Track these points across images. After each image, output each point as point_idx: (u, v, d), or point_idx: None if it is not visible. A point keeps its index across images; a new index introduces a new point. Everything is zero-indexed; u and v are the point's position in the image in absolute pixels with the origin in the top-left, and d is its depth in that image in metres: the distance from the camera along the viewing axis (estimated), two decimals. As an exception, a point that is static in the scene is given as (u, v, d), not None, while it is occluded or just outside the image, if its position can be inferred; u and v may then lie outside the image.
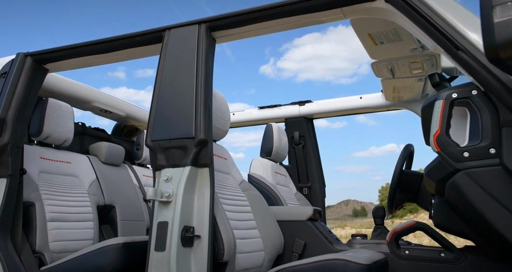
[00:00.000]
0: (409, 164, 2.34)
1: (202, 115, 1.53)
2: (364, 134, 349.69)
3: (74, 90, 2.45)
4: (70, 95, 2.44)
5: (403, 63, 2.05)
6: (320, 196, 2.96)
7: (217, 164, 1.95)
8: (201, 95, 1.55)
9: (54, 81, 2.30)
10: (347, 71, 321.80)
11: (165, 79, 1.64)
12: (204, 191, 1.51)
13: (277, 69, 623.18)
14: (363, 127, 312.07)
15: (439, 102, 1.30)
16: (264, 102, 71.86)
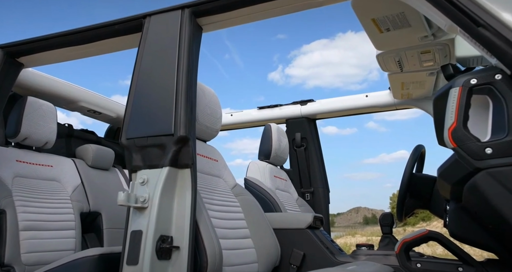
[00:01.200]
0: (420, 167, 2.14)
1: (183, 110, 1.35)
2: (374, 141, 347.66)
3: (57, 88, 2.30)
4: (52, 94, 2.28)
5: (412, 54, 1.85)
6: (324, 202, 2.75)
7: (207, 166, 1.77)
8: (182, 88, 1.37)
9: (34, 78, 2.15)
10: (357, 77, 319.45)
11: (143, 71, 1.47)
12: (185, 195, 1.33)
13: (285, 76, 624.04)
14: (373, 133, 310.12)
15: (455, 90, 1.10)
16: (273, 108, 71.08)
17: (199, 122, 1.73)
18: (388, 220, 1.86)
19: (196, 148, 1.41)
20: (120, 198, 1.25)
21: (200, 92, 1.76)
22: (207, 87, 1.86)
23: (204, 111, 1.76)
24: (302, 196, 2.76)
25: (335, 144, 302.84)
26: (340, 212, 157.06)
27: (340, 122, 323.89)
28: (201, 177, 1.68)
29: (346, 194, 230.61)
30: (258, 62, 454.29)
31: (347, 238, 14.58)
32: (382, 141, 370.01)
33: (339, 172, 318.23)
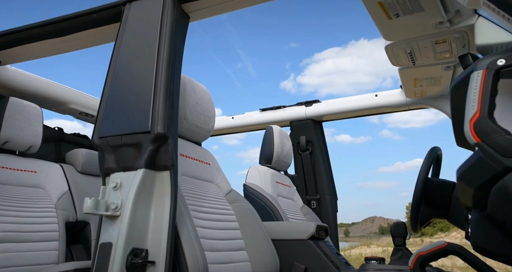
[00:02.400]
0: (436, 171, 1.92)
1: (162, 105, 1.18)
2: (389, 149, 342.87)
3: (44, 89, 2.17)
4: (39, 95, 2.15)
5: (426, 44, 1.66)
6: (331, 211, 2.55)
7: (197, 170, 1.60)
8: (162, 81, 1.21)
9: (18, 78, 2.03)
10: (370, 85, 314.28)
11: (120, 63, 1.31)
12: (163, 201, 1.16)
13: (297, 84, 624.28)
14: (388, 142, 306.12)
15: (478, 74, 0.91)
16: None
17: (188, 121, 1.57)
18: (400, 230, 1.65)
19: (177, 148, 1.24)
20: (86, 204, 1.08)
21: (189, 88, 1.60)
22: (198, 83, 1.70)
23: (194, 109, 1.60)
24: (307, 204, 2.56)
25: (349, 152, 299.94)
26: (355, 222, 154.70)
27: (354, 131, 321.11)
28: (190, 182, 1.51)
29: (361, 203, 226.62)
30: (270, 70, 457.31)
31: (362, 249, 14.18)
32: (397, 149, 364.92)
33: (353, 181, 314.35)
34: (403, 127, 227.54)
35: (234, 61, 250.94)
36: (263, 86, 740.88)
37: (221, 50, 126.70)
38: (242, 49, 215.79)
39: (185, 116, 1.55)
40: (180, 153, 1.54)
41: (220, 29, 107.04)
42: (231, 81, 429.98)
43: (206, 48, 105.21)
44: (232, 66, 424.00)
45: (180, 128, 1.56)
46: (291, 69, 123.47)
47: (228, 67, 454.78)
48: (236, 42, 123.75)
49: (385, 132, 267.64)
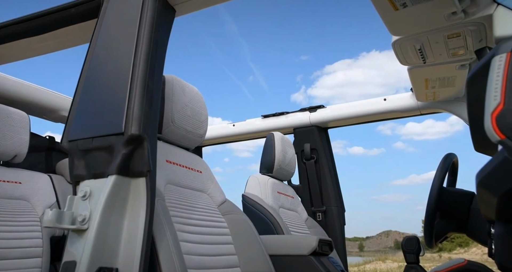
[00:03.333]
0: (452, 180, 1.75)
1: (138, 104, 1.05)
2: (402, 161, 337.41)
3: (32, 95, 2.07)
4: (27, 101, 2.05)
5: (437, 39, 1.50)
6: (338, 223, 2.37)
7: (186, 178, 1.46)
8: (139, 78, 1.08)
9: (4, 83, 1.93)
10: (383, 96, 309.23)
11: (96, 59, 1.19)
12: (138, 212, 1.02)
13: (308, 96, 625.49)
14: (401, 154, 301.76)
15: (501, 58, 0.75)
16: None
17: (176, 125, 1.44)
18: (412, 246, 1.48)
19: (156, 152, 1.10)
20: (47, 217, 0.95)
21: (177, 89, 1.47)
22: (189, 84, 1.58)
23: (183, 112, 1.47)
24: (313, 216, 2.39)
25: (362, 165, 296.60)
26: (370, 236, 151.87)
27: (367, 143, 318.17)
28: (176, 191, 1.37)
29: (375, 216, 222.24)
30: (281, 83, 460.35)
31: (377, 264, 13.76)
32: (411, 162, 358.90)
33: (367, 194, 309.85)
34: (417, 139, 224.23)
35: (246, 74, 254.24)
36: (274, 99, 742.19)
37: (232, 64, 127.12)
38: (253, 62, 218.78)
39: (173, 119, 1.42)
40: (166, 159, 1.41)
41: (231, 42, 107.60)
42: (242, 94, 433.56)
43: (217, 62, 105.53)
44: (243, 79, 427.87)
45: (166, 133, 1.43)
46: (302, 81, 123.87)
47: (239, 80, 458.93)
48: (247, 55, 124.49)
49: (399, 144, 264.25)
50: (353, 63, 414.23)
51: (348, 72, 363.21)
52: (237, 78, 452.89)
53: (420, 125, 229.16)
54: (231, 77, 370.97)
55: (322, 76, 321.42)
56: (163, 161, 1.38)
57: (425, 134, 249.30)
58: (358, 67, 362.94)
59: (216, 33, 75.33)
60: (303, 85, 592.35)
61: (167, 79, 1.46)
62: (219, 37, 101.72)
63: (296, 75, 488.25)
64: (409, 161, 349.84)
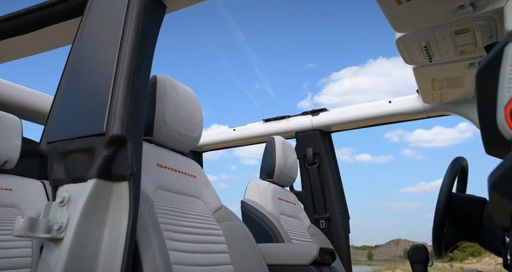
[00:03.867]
0: (462, 186, 1.65)
1: (121, 102, 0.98)
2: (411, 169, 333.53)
3: (25, 99, 2.01)
4: (20, 106, 1.99)
5: (444, 35, 1.42)
6: (342, 231, 2.27)
7: (179, 183, 1.38)
8: (122, 75, 1.01)
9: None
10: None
11: (79, 57, 1.13)
12: (120, 219, 0.94)
13: (314, 104, 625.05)
14: (410, 161, 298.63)
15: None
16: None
17: (168, 127, 1.37)
18: (420, 255, 1.38)
19: (141, 154, 1.03)
20: (17, 225, 0.87)
21: (170, 90, 1.41)
22: (182, 85, 1.51)
23: (176, 113, 1.40)
24: (316, 223, 2.30)
25: (370, 172, 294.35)
26: (379, 244, 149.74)
27: (374, 150, 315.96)
28: (167, 197, 1.29)
29: (384, 224, 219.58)
30: (288, 91, 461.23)
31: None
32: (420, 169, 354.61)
33: (375, 201, 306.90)
34: (425, 147, 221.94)
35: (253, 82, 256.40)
36: (281, 107, 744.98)
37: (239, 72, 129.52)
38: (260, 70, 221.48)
39: (164, 121, 1.35)
40: (157, 163, 1.33)
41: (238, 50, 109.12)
42: (249, 102, 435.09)
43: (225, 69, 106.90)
44: (250, 87, 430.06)
45: (158, 135, 1.36)
46: (308, 89, 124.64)
47: (246, 87, 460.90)
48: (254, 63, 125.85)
49: (407, 151, 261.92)
50: (360, 70, 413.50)
51: (355, 79, 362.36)
52: (244, 86, 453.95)
53: (429, 132, 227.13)
54: (238, 85, 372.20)
55: (329, 83, 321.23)
56: (153, 165, 1.30)
57: (434, 142, 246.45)
58: (365, 74, 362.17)
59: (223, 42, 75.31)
60: (310, 92, 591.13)
61: (159, 79, 1.40)
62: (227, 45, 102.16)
63: (302, 82, 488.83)
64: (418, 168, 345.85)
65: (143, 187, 1.19)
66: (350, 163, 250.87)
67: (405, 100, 2.17)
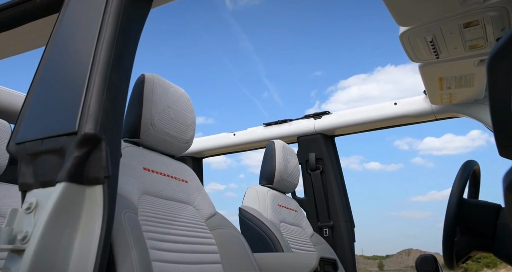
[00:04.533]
0: (474, 191, 1.54)
1: (95, 99, 0.89)
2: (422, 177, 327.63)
3: (12, 102, 1.95)
4: (10, 110, 1.93)
5: (452, 29, 1.33)
6: (347, 240, 2.16)
7: (168, 188, 1.30)
8: (98, 69, 0.93)
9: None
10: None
11: (54, 52, 1.05)
12: (92, 227, 0.85)
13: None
14: (420, 170, 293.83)
15: None
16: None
17: (156, 128, 1.28)
18: (429, 267, 1.27)
19: (119, 156, 0.94)
20: None
21: (158, 89, 1.33)
22: (174, 85, 1.43)
23: (165, 114, 1.32)
24: (319, 232, 2.19)
25: (380, 181, 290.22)
26: (390, 254, 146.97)
27: (384, 158, 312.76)
28: (154, 202, 1.20)
29: (394, 234, 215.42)
30: (296, 99, 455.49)
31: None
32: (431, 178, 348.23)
33: (385, 210, 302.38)
34: (436, 155, 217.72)
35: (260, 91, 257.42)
36: (288, 115, 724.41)
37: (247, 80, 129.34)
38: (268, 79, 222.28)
39: (152, 122, 1.27)
40: (144, 167, 1.25)
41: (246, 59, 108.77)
42: (257, 110, 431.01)
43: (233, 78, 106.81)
44: (258, 95, 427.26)
45: (145, 137, 1.28)
46: (316, 97, 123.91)
47: (254, 96, 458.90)
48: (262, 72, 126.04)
49: (417, 160, 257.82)
50: (368, 78, 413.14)
51: (363, 87, 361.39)
52: (251, 95, 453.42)
53: (439, 140, 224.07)
54: (246, 94, 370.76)
55: (337, 91, 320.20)
56: (139, 169, 1.22)
57: (445, 150, 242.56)
58: (373, 81, 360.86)
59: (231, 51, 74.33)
60: (317, 100, 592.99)
61: (147, 78, 1.32)
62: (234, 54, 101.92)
63: (310, 91, 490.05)
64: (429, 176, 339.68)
65: (126, 192, 1.11)
66: (359, 171, 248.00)
67: (411, 102, 2.07)
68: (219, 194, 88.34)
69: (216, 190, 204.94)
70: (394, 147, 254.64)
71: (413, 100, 2.07)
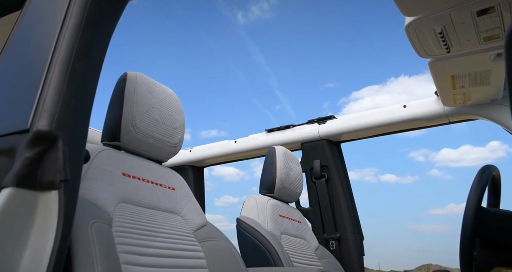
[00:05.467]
0: (495, 199, 1.39)
1: (53, 91, 0.79)
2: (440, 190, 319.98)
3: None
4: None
5: (463, 18, 1.20)
6: (355, 253, 2.00)
7: (151, 196, 1.18)
8: (59, 61, 0.82)
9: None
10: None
11: (14, 47, 0.95)
12: (45, 239, 0.73)
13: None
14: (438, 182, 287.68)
15: None
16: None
17: (138, 131, 1.18)
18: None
19: (81, 157, 0.83)
20: None
21: (142, 89, 1.22)
22: (161, 85, 1.33)
23: (149, 115, 1.21)
24: (325, 244, 2.04)
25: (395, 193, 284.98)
26: (408, 269, 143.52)
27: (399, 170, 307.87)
28: (133, 212, 1.09)
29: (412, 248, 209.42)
30: (308, 111, 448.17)
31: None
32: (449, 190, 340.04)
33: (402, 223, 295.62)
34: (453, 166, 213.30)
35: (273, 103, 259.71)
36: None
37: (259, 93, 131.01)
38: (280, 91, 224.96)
39: (134, 123, 1.17)
40: (123, 172, 1.14)
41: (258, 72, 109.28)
42: (269, 122, 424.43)
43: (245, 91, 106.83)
44: (270, 107, 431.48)
45: (126, 140, 1.17)
46: (328, 108, 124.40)
47: (266, 108, 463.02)
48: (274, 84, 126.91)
49: (434, 171, 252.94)
50: (381, 89, 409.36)
51: (376, 98, 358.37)
52: (264, 107, 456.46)
53: (456, 152, 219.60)
54: (258, 106, 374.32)
55: (349, 102, 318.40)
56: (117, 174, 1.11)
57: (462, 161, 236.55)
58: (386, 92, 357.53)
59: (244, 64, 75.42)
60: (330, 112, 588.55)
61: (130, 76, 1.22)
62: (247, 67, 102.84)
63: (322, 102, 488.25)
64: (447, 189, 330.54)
65: (99, 199, 0.99)
66: (374, 184, 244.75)
67: (422, 104, 1.93)
68: (232, 206, 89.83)
69: (229, 202, 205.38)
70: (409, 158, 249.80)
71: (424, 102, 1.93)
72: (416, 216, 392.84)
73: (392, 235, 56.53)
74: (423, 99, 1.95)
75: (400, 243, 43.66)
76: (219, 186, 10.71)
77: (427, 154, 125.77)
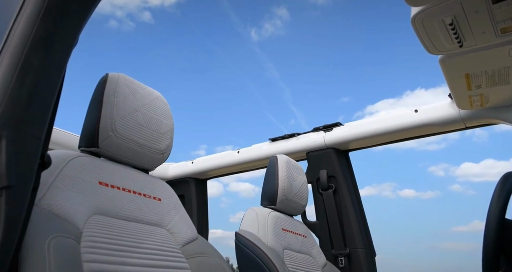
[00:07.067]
0: None
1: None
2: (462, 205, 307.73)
3: None
4: None
5: (477, 6, 1.07)
6: (367, 270, 1.84)
7: (132, 207, 1.07)
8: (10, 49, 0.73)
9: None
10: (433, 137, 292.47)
11: None
12: None
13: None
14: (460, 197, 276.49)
15: None
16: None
17: (119, 135, 1.08)
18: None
19: (35, 160, 0.73)
20: None
21: (124, 90, 1.13)
22: (147, 87, 1.23)
23: (132, 119, 1.11)
24: (333, 261, 1.88)
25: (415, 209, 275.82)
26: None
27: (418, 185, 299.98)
28: (110, 224, 0.98)
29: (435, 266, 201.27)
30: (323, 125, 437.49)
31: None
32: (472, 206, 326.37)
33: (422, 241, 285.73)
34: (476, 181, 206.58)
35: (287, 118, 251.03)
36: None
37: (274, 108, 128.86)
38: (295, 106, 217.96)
39: (113, 128, 1.07)
40: (100, 181, 1.03)
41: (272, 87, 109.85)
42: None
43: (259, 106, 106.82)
44: (285, 123, 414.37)
45: (106, 146, 1.08)
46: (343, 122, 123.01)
47: (281, 123, 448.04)
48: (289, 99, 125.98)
49: (456, 186, 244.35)
50: (397, 102, 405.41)
51: (392, 111, 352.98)
52: (279, 122, 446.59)
53: (478, 166, 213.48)
54: (273, 121, 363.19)
55: (364, 117, 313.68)
56: (92, 183, 1.00)
57: (485, 176, 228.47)
58: (402, 106, 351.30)
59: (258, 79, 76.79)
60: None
61: (111, 77, 1.13)
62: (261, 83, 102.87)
63: (337, 117, 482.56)
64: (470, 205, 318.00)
65: (66, 211, 0.89)
66: (392, 199, 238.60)
67: (435, 108, 1.79)
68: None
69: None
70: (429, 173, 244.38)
71: (437, 106, 1.79)
72: (439, 233, 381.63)
73: (414, 253, 53.80)
74: (436, 103, 1.81)
75: (423, 261, 41.77)
76: (235, 202, 10.41)
77: (447, 168, 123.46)
